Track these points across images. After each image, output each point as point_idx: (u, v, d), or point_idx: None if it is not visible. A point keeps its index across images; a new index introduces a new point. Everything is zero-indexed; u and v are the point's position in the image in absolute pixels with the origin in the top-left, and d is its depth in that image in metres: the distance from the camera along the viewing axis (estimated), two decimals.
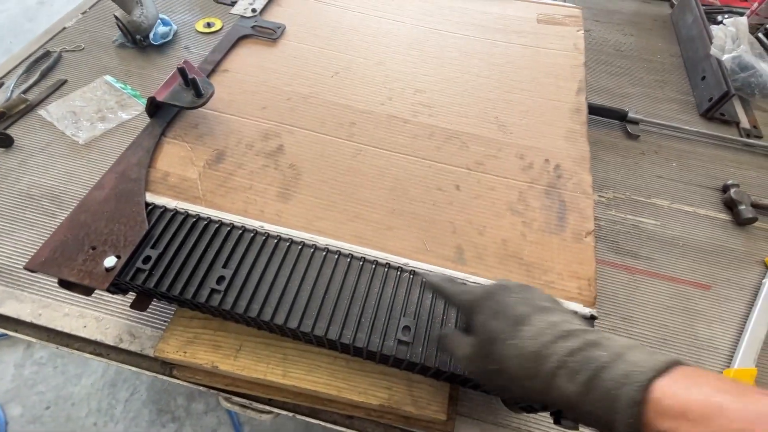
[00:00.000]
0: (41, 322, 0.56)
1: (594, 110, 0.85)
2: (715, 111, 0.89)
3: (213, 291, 0.44)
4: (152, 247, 0.47)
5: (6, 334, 0.55)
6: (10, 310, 0.57)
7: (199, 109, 0.59)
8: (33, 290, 0.59)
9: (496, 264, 0.49)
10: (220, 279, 0.45)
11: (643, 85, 0.97)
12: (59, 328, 0.56)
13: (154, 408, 1.13)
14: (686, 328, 0.63)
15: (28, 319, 0.56)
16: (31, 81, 0.82)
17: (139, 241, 0.47)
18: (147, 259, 0.46)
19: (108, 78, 0.84)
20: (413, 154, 0.59)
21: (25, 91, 0.80)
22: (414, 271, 0.47)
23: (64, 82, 0.83)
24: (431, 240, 0.51)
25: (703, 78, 0.93)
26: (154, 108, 0.57)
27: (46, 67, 0.84)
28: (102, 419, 1.10)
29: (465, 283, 0.40)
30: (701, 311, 0.64)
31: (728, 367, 0.59)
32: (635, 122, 0.86)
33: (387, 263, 0.48)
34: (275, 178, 0.55)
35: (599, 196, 0.76)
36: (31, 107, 0.79)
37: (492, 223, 0.53)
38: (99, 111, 0.79)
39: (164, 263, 0.46)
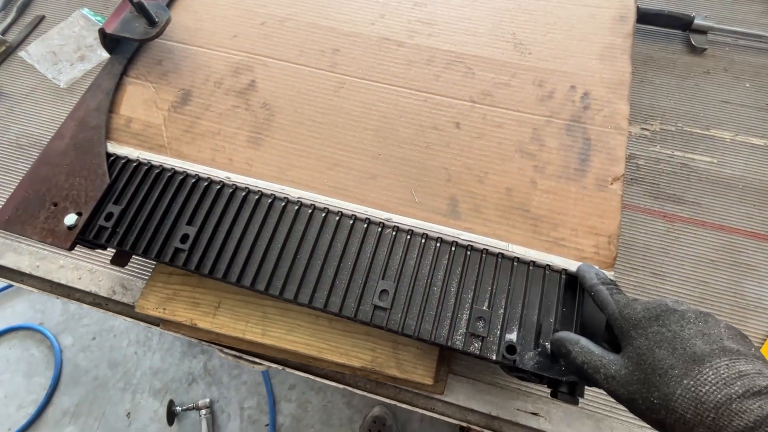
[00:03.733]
0: (39, 273, 0.57)
1: (647, 17, 0.68)
2: None
3: (177, 250, 0.41)
4: (115, 203, 0.43)
5: (10, 285, 0.57)
6: (10, 261, 0.58)
7: (163, 41, 0.52)
8: (30, 242, 0.59)
9: (495, 218, 0.42)
10: (184, 237, 0.42)
11: None
12: (56, 280, 0.57)
13: (185, 341, 1.22)
14: (732, 285, 0.54)
15: (27, 271, 0.57)
16: (8, 20, 0.77)
17: (100, 196, 0.43)
18: (109, 215, 0.43)
19: (85, 11, 0.77)
20: (406, 85, 0.49)
21: (3, 32, 0.76)
22: (397, 227, 0.41)
23: (42, 18, 0.77)
24: (421, 190, 0.44)
25: None
26: (110, 42, 0.50)
27: (21, 3, 0.78)
28: (141, 349, 1.21)
29: (622, 292, 0.34)
30: (754, 266, 0.54)
31: None
32: (702, 31, 0.69)
33: (367, 218, 0.42)
34: (246, 120, 0.48)
35: (642, 128, 0.63)
36: (12, 49, 0.74)
37: (495, 168, 0.44)
38: (78, 49, 0.73)
39: (127, 220, 0.42)
